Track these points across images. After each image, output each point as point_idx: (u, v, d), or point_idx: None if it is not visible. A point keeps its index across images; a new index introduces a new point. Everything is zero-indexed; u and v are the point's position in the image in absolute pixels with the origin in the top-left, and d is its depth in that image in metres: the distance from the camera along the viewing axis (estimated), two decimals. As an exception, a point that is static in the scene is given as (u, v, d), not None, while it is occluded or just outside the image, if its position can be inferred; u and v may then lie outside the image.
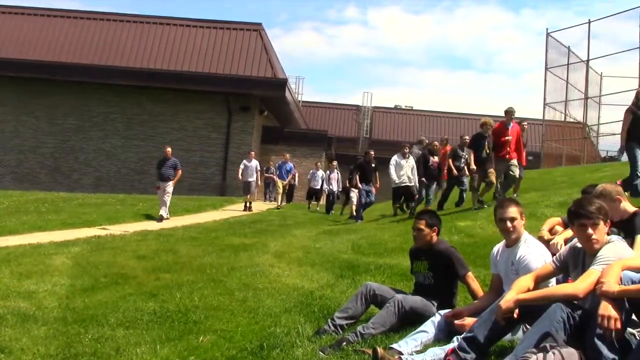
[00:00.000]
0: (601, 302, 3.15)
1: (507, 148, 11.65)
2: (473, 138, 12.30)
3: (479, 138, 11.96)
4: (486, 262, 5.68)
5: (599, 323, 3.12)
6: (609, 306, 3.12)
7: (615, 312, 3.10)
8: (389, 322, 4.57)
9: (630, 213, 4.57)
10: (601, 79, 23.08)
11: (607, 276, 3.25)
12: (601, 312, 3.12)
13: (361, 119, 42.00)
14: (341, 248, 9.34)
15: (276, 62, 28.42)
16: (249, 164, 18.82)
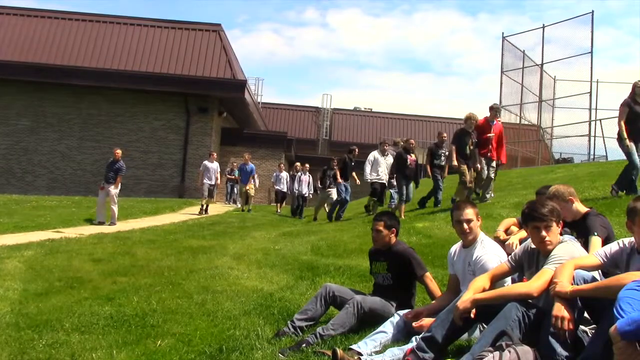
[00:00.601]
0: (555, 303, 3.23)
1: (489, 146, 11.45)
2: (456, 134, 12.04)
3: (462, 134, 11.70)
4: (444, 263, 5.76)
5: (552, 323, 3.19)
6: (562, 307, 3.20)
7: (568, 313, 3.18)
8: (349, 323, 4.59)
9: (583, 213, 4.69)
10: (555, 82, 23.63)
11: (560, 276, 3.33)
12: (555, 313, 3.19)
13: (321, 121, 42.13)
14: (301, 250, 9.33)
15: (235, 63, 28.28)
16: (211, 165, 18.15)
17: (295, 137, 35.84)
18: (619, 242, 3.57)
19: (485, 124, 11.57)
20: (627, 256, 3.45)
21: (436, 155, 13.05)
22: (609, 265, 3.51)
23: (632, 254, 3.44)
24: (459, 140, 11.58)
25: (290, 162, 25.01)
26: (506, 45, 22.98)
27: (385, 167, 13.61)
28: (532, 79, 23.05)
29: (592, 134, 20.98)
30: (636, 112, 9.15)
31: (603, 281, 3.27)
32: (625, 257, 3.45)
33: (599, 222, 4.54)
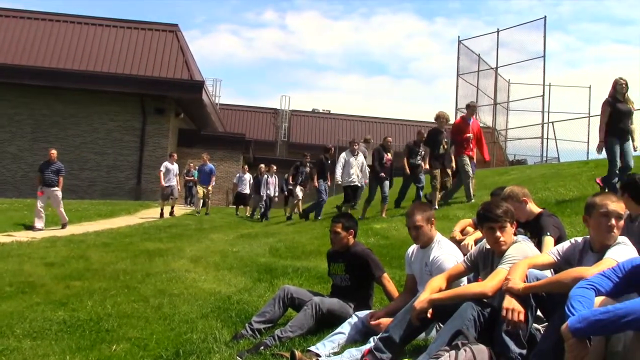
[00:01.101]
0: (505, 296, 3.29)
1: (468, 145, 11.18)
2: (429, 134, 11.70)
3: (435, 133, 11.40)
4: (401, 263, 5.81)
5: (503, 316, 3.25)
6: (513, 300, 3.26)
7: (518, 305, 3.24)
8: (307, 324, 4.59)
9: (536, 214, 4.80)
10: (509, 85, 24.09)
11: (513, 274, 3.39)
12: (505, 306, 3.25)
13: (279, 123, 42.02)
14: (259, 252, 9.31)
15: (193, 64, 28.01)
16: (171, 166, 17.37)
17: (254, 138, 35.70)
18: (571, 240, 3.65)
19: (463, 123, 11.39)
20: (579, 253, 3.53)
21: (413, 153, 12.71)
22: (562, 263, 3.58)
23: (585, 251, 3.52)
24: (433, 140, 11.33)
25: (249, 164, 24.83)
26: (462, 48, 23.35)
27: (357, 168, 13.11)
28: (487, 82, 23.46)
29: (545, 136, 21.48)
30: (618, 110, 8.89)
31: (554, 276, 3.34)
32: (578, 255, 3.53)
33: (551, 223, 4.65)
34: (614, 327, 2.55)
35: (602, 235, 3.42)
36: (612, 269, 3.00)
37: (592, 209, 3.48)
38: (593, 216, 3.46)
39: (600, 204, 3.44)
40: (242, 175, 20.16)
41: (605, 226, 3.39)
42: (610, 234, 3.39)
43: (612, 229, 3.39)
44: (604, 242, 3.41)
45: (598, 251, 3.43)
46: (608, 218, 3.39)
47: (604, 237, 3.41)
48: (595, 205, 3.47)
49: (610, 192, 3.79)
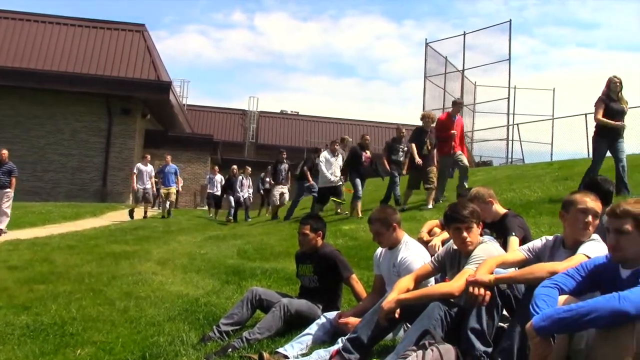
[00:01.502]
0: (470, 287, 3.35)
1: (452, 143, 10.92)
2: (413, 133, 11.40)
3: (419, 133, 11.10)
4: (369, 264, 5.84)
5: (468, 293, 3.31)
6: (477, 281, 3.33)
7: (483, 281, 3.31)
8: (275, 326, 4.58)
9: (502, 214, 4.88)
10: (475, 88, 24.42)
11: (481, 269, 3.44)
12: (470, 285, 3.33)
13: (247, 124, 41.85)
14: (227, 253, 9.26)
15: (160, 64, 27.74)
16: (144, 168, 16.83)
17: (222, 139, 35.50)
18: (541, 238, 3.70)
19: (448, 120, 11.14)
20: (550, 250, 3.58)
21: (394, 150, 12.44)
22: (533, 259, 3.62)
23: (556, 248, 3.57)
24: (418, 138, 11.04)
25: (217, 165, 24.65)
26: (429, 51, 23.57)
27: (336, 169, 12.74)
28: (454, 84, 23.73)
29: (510, 138, 21.82)
30: (612, 108, 8.74)
31: (527, 268, 3.38)
32: (549, 252, 3.58)
33: (516, 223, 4.73)
34: (577, 325, 2.60)
35: (578, 231, 3.47)
36: (576, 268, 3.06)
37: (571, 205, 3.53)
38: (571, 212, 3.51)
39: (579, 200, 3.50)
40: (212, 176, 19.55)
41: (582, 222, 3.45)
42: (586, 230, 3.46)
43: (588, 225, 3.46)
44: (578, 239, 3.47)
45: (570, 247, 3.49)
46: (585, 215, 3.45)
47: (579, 234, 3.46)
48: (574, 202, 3.52)
49: (588, 191, 3.85)
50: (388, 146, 12.62)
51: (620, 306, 2.48)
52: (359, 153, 12.41)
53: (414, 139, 11.10)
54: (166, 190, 17.55)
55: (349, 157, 12.67)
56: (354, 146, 12.87)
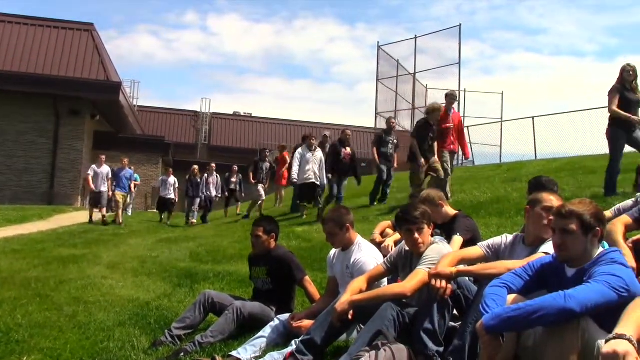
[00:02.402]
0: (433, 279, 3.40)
1: (449, 137, 10.35)
2: (418, 126, 10.50)
3: (423, 126, 10.19)
4: (323, 266, 5.85)
5: (430, 286, 3.37)
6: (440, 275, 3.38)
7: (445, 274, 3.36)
8: (228, 329, 4.56)
9: (452, 216, 4.97)
10: (426, 91, 24.72)
11: (442, 262, 3.49)
12: (432, 278, 3.38)
13: (200, 125, 41.42)
14: (179, 256, 9.16)
15: (109, 64, 27.21)
16: (99, 170, 15.96)
17: (174, 141, 35.01)
18: (502, 236, 3.77)
19: (443, 114, 10.40)
20: (510, 247, 3.65)
21: (383, 143, 11.79)
22: (492, 256, 3.69)
23: (516, 245, 3.64)
24: (421, 132, 10.11)
25: (169, 167, 24.27)
26: (381, 54, 23.77)
27: (314, 164, 11.91)
28: (405, 87, 23.97)
29: (461, 140, 22.14)
30: (627, 98, 8.16)
31: (488, 265, 3.45)
32: (509, 249, 3.65)
33: (465, 224, 4.83)
34: (525, 324, 2.67)
35: (541, 228, 3.53)
36: (523, 267, 3.13)
37: (537, 202, 3.60)
38: (536, 209, 3.58)
39: (545, 199, 3.58)
40: (165, 178, 18.29)
41: (546, 220, 3.51)
42: (548, 229, 3.53)
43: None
44: (540, 236, 3.54)
45: (530, 244, 3.56)
46: (549, 213, 3.51)
47: (542, 231, 3.53)
48: (541, 200, 3.59)
49: (534, 192, 3.97)
50: (378, 138, 12.11)
51: (566, 304, 2.55)
52: (338, 149, 11.79)
53: (416, 133, 10.22)
54: (118, 196, 16.35)
55: (329, 154, 12.03)
56: (334, 143, 12.32)
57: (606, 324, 2.46)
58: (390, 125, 12.16)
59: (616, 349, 2.07)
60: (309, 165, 11.85)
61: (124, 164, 16.87)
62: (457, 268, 3.43)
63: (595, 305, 2.57)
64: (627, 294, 2.60)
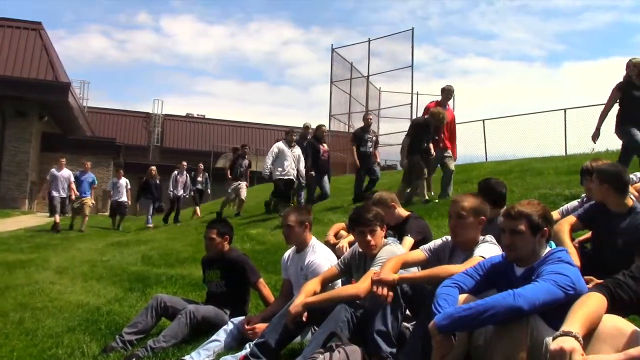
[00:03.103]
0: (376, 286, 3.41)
1: (441, 135, 9.80)
2: (415, 126, 9.77)
3: (423, 129, 9.53)
4: (277, 269, 5.85)
5: (374, 291, 3.38)
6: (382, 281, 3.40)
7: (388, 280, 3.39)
8: (181, 333, 4.50)
9: (404, 217, 5.03)
10: (380, 93, 24.94)
11: (385, 267, 3.51)
12: (374, 284, 3.40)
13: (152, 127, 40.84)
14: (130, 260, 9.02)
15: (58, 64, 26.58)
16: (59, 173, 14.93)
17: (125, 143, 34.43)
18: (442, 238, 3.85)
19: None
20: (450, 250, 3.73)
21: (362, 141, 11.21)
22: (433, 259, 3.76)
23: (455, 249, 3.72)
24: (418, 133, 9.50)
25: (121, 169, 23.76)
26: (335, 56, 23.87)
27: (292, 161, 11.39)
28: (359, 89, 24.12)
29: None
30: (633, 96, 7.52)
31: (430, 270, 3.50)
32: (449, 252, 3.73)
33: (416, 225, 4.90)
34: (476, 323, 2.71)
35: (452, 231, 3.70)
36: (474, 267, 3.19)
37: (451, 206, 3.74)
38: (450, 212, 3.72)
39: (454, 203, 3.72)
40: (116, 181, 16.96)
41: (453, 221, 3.66)
42: (455, 231, 3.68)
43: (452, 227, 3.69)
44: (460, 239, 3.66)
45: (461, 247, 3.67)
46: (450, 217, 3.68)
47: (454, 234, 3.69)
48: (452, 203, 3.73)
49: (481, 194, 4.05)
50: (356, 137, 11.43)
51: (515, 303, 2.61)
52: (316, 146, 11.23)
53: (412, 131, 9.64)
54: (80, 201, 15.28)
55: (308, 150, 11.43)
56: (309, 141, 11.68)
57: (554, 322, 2.52)
58: (368, 122, 11.70)
59: (563, 345, 2.12)
60: (287, 160, 11.34)
61: (86, 168, 16.02)
62: (400, 275, 3.46)
63: (543, 304, 2.64)
64: (573, 292, 2.67)
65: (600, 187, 4.11)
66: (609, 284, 2.48)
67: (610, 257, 3.94)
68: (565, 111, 18.48)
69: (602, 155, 11.35)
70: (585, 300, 2.40)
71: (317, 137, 11.55)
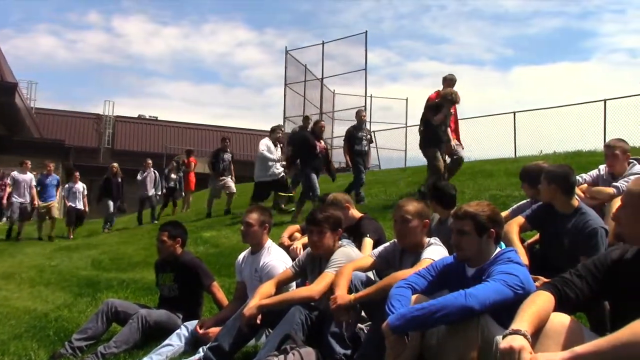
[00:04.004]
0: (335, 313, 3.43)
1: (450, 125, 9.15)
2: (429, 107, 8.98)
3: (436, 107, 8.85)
4: (231, 272, 5.81)
5: (335, 319, 3.41)
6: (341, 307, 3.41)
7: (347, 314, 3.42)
8: (133, 339, 4.44)
9: (357, 218, 5.06)
10: (334, 96, 25.05)
11: (339, 289, 3.50)
12: (334, 313, 3.40)
13: (102, 129, 40.04)
14: (80, 264, 8.84)
15: (4, 64, 25.84)
16: (23, 177, 13.71)
17: (74, 145, 33.64)
18: (391, 242, 3.89)
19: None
20: (400, 254, 3.77)
21: (356, 139, 10.63)
22: (383, 263, 3.81)
23: (404, 252, 3.76)
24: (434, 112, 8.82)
25: (69, 172, 23.18)
26: (289, 59, 23.87)
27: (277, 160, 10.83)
28: (313, 92, 24.18)
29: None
30: None
31: (379, 283, 3.52)
32: (399, 255, 3.77)
33: (371, 226, 4.94)
34: (429, 322, 2.75)
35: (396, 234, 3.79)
36: (427, 268, 3.24)
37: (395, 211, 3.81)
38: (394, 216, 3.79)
39: (397, 207, 3.80)
40: (72, 185, 15.07)
41: (399, 225, 3.72)
42: (399, 233, 3.75)
43: (397, 229, 3.75)
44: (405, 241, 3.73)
45: (409, 250, 3.73)
46: (395, 222, 3.75)
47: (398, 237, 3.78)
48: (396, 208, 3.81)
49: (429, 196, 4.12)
50: (349, 135, 10.78)
51: (467, 302, 2.65)
52: (311, 142, 10.26)
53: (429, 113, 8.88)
54: (45, 206, 13.89)
55: (299, 145, 10.61)
56: (304, 133, 10.80)
57: (503, 320, 2.57)
58: (362, 118, 10.99)
59: (512, 344, 2.16)
60: (272, 161, 10.71)
61: (50, 170, 14.49)
62: (354, 295, 3.46)
63: (493, 303, 2.69)
64: (522, 291, 2.74)
65: (549, 188, 4.21)
66: (556, 282, 2.54)
67: (557, 256, 4.04)
68: (515, 114, 18.94)
69: (549, 157, 11.71)
70: (534, 299, 2.45)
71: (314, 132, 10.63)
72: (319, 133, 10.63)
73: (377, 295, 3.37)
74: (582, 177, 5.38)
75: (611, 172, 5.26)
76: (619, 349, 1.99)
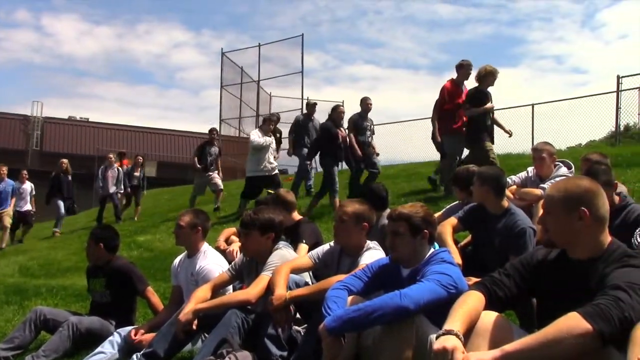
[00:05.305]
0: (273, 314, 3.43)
1: (463, 118, 8.43)
2: (471, 95, 8.17)
3: (480, 95, 8.10)
4: (166, 276, 5.72)
5: (273, 320, 3.42)
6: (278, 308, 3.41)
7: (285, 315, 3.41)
8: (63, 347, 4.29)
9: (295, 221, 5.08)
10: (270, 98, 24.99)
11: (277, 288, 3.50)
12: (272, 314, 3.39)
13: (30, 130, 38.66)
14: (7, 271, 8.52)
15: None
16: None
17: (0, 147, 32.40)
18: (329, 244, 3.92)
19: (455, 88, 8.63)
20: (338, 256, 3.81)
21: (360, 128, 9.70)
22: (321, 265, 3.84)
23: (342, 254, 3.80)
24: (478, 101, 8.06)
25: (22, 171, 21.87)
26: (226, 60, 23.67)
27: (270, 153, 10.14)
28: (250, 94, 24.06)
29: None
30: None
31: (317, 284, 3.55)
32: (337, 257, 3.80)
33: (308, 230, 4.96)
34: (365, 323, 2.78)
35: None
36: (363, 269, 3.28)
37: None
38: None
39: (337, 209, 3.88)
40: (19, 186, 13.52)
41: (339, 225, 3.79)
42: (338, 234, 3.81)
43: (336, 230, 3.82)
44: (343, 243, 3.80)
45: (347, 253, 3.78)
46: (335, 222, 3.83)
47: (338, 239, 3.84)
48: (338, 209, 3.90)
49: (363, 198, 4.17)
50: (354, 123, 9.69)
51: (402, 302, 2.69)
52: (333, 131, 9.41)
53: (471, 100, 8.12)
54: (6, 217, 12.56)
55: (320, 135, 9.98)
56: (326, 123, 9.85)
57: (437, 320, 2.63)
58: (368, 107, 9.88)
59: (445, 345, 2.20)
60: (264, 155, 10.03)
61: (2, 175, 12.96)
62: (290, 293, 3.47)
63: (427, 302, 2.74)
64: (455, 290, 2.80)
65: (481, 189, 4.33)
66: (486, 282, 2.61)
67: (489, 256, 4.16)
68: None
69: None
70: (465, 299, 2.51)
71: (334, 121, 9.63)
72: (338, 121, 9.68)
73: (313, 296, 3.39)
74: (512, 178, 5.56)
75: (539, 174, 5.45)
76: (546, 345, 2.06)
